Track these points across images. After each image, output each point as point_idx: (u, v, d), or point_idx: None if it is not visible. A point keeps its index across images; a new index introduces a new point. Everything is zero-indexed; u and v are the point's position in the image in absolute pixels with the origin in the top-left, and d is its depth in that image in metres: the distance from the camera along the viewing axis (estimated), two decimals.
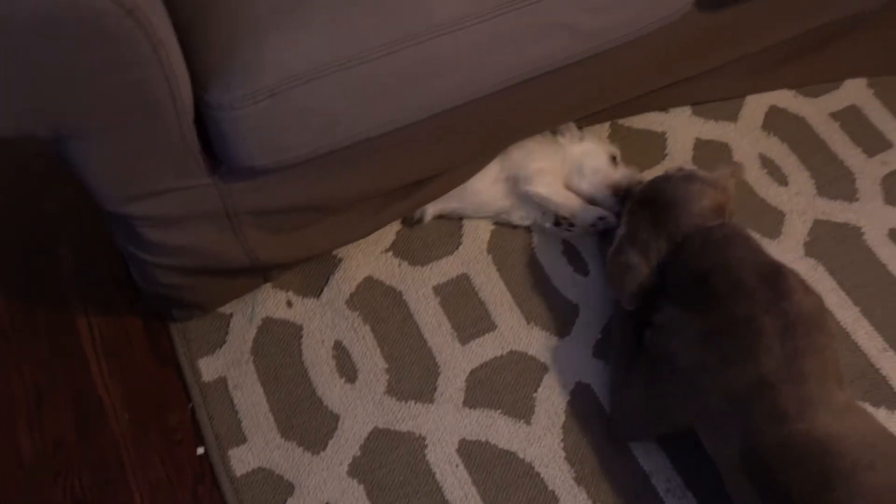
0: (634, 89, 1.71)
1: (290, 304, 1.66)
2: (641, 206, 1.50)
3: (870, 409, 1.54)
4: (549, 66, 1.38)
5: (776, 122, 1.89)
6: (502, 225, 1.75)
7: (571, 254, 1.72)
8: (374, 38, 1.21)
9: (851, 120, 1.89)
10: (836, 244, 1.73)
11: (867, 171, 1.83)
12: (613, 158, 1.74)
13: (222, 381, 1.58)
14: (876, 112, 1.91)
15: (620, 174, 1.71)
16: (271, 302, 1.66)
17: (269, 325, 1.64)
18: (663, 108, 1.89)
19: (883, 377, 1.58)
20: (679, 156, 1.83)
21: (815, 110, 1.90)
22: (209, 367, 1.60)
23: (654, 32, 1.46)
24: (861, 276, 1.69)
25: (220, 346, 1.62)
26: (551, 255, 1.71)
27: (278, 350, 1.62)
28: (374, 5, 1.23)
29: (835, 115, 1.90)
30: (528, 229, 1.75)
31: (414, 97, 1.29)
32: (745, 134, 1.86)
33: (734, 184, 1.48)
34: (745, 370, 1.25)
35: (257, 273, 1.59)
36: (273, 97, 1.20)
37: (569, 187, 1.71)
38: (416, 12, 1.23)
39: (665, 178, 1.53)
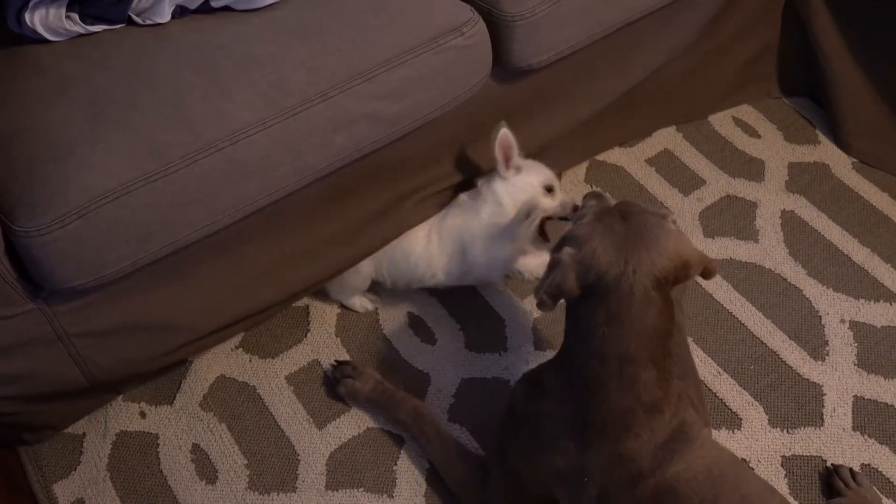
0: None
1: (143, 414, 1.65)
2: (611, 216, 1.30)
3: (713, 432, 1.63)
4: (357, 154, 1.45)
5: (597, 173, 2.01)
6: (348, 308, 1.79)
7: (417, 325, 1.77)
8: (175, 151, 1.26)
9: (665, 163, 2.03)
10: None
11: (685, 208, 1.96)
12: None
13: (80, 503, 1.56)
14: (687, 153, 2.05)
15: None
16: (124, 415, 1.65)
17: (124, 438, 1.63)
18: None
19: (720, 400, 1.68)
20: None
21: (631, 158, 2.04)
22: (65, 491, 1.57)
23: (458, 108, 1.55)
24: (690, 306, 1.80)
25: (76, 468, 1.60)
26: (398, 329, 1.76)
27: (136, 462, 1.60)
28: (170, 119, 1.28)
29: (650, 161, 2.03)
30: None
31: (224, 199, 1.33)
32: (570, 189, 1.97)
33: (697, 271, 1.31)
34: (602, 450, 1.28)
35: (107, 389, 1.59)
36: (82, 218, 1.22)
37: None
38: (212, 121, 1.29)
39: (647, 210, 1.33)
